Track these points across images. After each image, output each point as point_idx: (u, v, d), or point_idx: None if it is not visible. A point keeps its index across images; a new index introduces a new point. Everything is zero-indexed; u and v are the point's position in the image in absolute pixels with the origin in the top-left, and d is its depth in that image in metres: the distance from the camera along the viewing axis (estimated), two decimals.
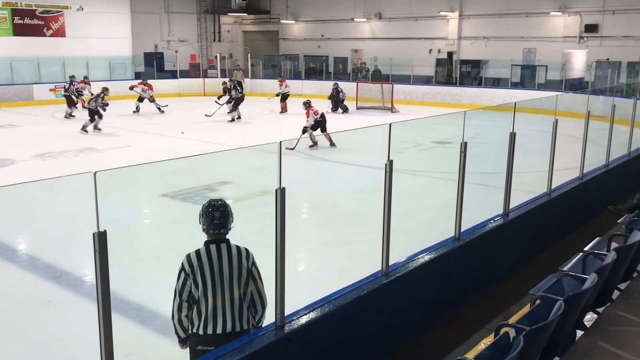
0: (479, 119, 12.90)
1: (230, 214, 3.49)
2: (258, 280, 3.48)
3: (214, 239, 3.45)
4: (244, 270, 3.42)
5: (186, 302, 3.40)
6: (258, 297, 3.48)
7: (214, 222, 3.43)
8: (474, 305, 5.47)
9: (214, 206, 3.46)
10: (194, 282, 3.37)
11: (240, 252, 3.46)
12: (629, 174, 9.30)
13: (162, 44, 31.10)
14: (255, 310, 3.49)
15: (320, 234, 7.92)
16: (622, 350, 3.36)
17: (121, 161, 11.84)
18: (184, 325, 3.44)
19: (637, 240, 4.00)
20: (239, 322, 3.42)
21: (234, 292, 3.39)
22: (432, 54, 28.37)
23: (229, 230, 3.51)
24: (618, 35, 23.41)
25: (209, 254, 3.40)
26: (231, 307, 3.41)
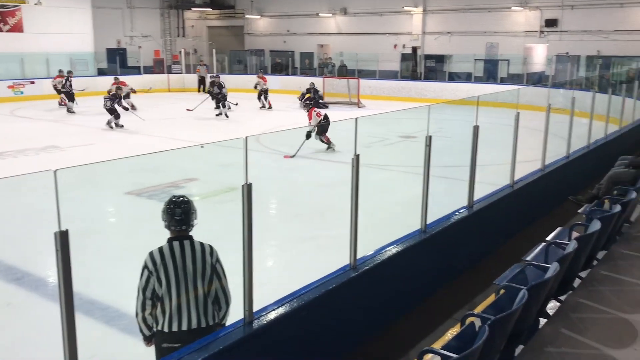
0: (443, 113, 13.04)
1: (193, 211, 3.47)
2: (222, 277, 3.47)
3: (176, 235, 3.42)
4: (207, 267, 3.40)
5: (150, 300, 3.37)
6: (222, 293, 3.47)
7: (174, 219, 3.40)
8: (441, 297, 5.54)
9: (175, 202, 3.43)
10: (157, 279, 3.34)
11: (204, 248, 3.43)
12: (589, 165, 9.54)
13: (124, 40, 30.55)
14: (219, 307, 3.48)
15: (288, 229, 7.92)
16: (583, 337, 3.45)
17: (84, 159, 11.60)
18: (148, 323, 3.42)
19: (597, 229, 4.11)
20: (204, 318, 3.40)
21: (197, 289, 3.37)
22: (397, 49, 28.56)
23: (192, 227, 3.48)
24: (577, 30, 23.95)
25: (172, 251, 3.37)
26: (195, 303, 3.38)
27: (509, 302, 3.15)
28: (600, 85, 14.27)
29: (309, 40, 31.51)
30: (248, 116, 19.71)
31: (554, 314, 3.76)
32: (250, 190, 3.32)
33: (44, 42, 25.30)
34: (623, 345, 3.34)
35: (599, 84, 14.88)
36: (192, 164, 10.65)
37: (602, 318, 3.70)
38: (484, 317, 2.90)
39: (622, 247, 4.88)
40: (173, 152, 4.81)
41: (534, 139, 8.36)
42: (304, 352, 4.06)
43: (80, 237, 6.26)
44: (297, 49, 31.46)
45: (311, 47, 31.37)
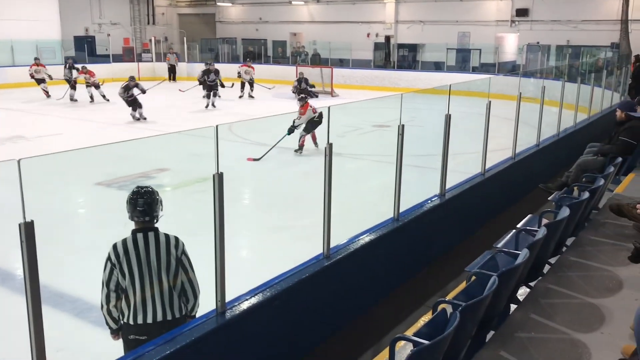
0: (416, 102, 13.11)
1: (157, 202, 3.40)
2: (189, 270, 3.42)
3: (140, 227, 3.37)
4: (172, 260, 3.36)
5: (114, 292, 3.33)
6: (189, 286, 3.43)
7: (137, 209, 3.34)
8: (414, 284, 5.59)
9: (138, 193, 3.37)
10: (120, 271, 3.30)
11: (168, 240, 3.38)
12: (559, 153, 9.69)
13: (93, 27, 29.94)
14: (186, 299, 3.44)
15: (262, 219, 7.88)
16: (552, 322, 3.50)
17: (52, 149, 11.35)
18: (113, 316, 3.38)
19: (566, 216, 4.17)
20: (170, 311, 3.37)
21: (162, 281, 3.33)
22: (370, 38, 28.58)
23: (157, 218, 3.43)
24: (547, 20, 24.26)
25: (136, 244, 3.32)
26: (160, 296, 3.34)
27: (479, 289, 3.18)
28: (570, 75, 14.46)
29: (281, 28, 31.32)
30: (221, 105, 19.52)
31: (524, 300, 3.81)
32: (222, 179, 3.28)
33: (9, 29, 24.58)
34: (591, 329, 3.41)
35: (569, 73, 15.09)
36: (163, 153, 10.52)
37: (571, 303, 3.76)
38: (455, 304, 2.92)
39: (590, 233, 4.97)
40: (143, 141, 4.73)
41: (505, 128, 8.45)
42: (277, 342, 4.05)
43: (49, 228, 6.14)
44: (270, 38, 31.27)
45: (284, 35, 31.19)
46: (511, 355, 3.14)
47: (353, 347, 4.52)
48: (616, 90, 15.11)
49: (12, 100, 19.63)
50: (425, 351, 2.47)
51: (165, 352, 3.08)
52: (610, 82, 14.61)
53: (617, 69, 15.64)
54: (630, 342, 3.11)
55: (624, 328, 3.36)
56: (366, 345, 4.53)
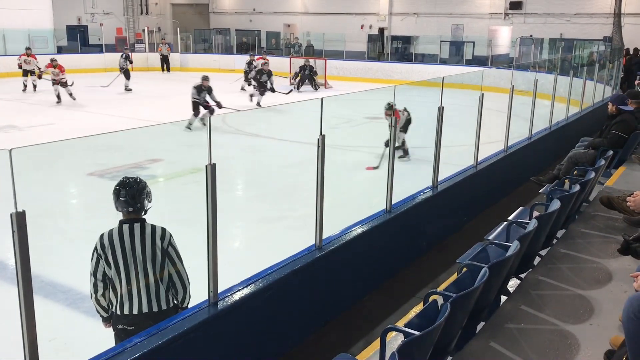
0: (409, 94, 13.10)
1: (142, 193, 3.37)
2: (176, 261, 3.41)
3: (126, 218, 3.36)
4: (158, 251, 3.35)
5: (101, 282, 3.35)
6: (177, 278, 3.42)
7: (119, 200, 3.33)
8: (405, 275, 5.62)
9: (122, 183, 3.36)
10: (105, 262, 3.31)
11: (154, 232, 3.37)
12: (550, 146, 9.73)
13: (85, 17, 29.72)
14: (176, 291, 3.44)
15: (255, 209, 7.89)
16: (542, 313, 3.54)
17: (44, 139, 11.31)
18: (102, 305, 3.41)
19: (556, 208, 4.19)
20: (157, 302, 3.37)
21: (148, 272, 3.33)
22: (364, 30, 28.53)
23: (144, 210, 3.41)
24: (540, 13, 24.30)
25: (121, 234, 3.32)
26: (146, 287, 3.35)
27: (470, 280, 3.21)
28: (562, 68, 14.51)
29: (275, 19, 31.20)
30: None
31: (514, 291, 3.85)
32: (214, 170, 3.28)
33: (0, 17, 24.38)
34: (580, 320, 3.45)
35: (561, 67, 15.13)
36: (156, 144, 10.49)
37: (561, 295, 3.80)
38: (446, 295, 2.94)
39: (581, 225, 5.01)
40: (136, 132, 4.72)
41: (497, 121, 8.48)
42: (269, 332, 4.07)
43: (41, 218, 6.13)
44: (264, 29, 31.15)
45: (278, 26, 31.08)
46: (501, 346, 3.17)
47: (344, 337, 4.55)
48: (608, 83, 15.17)
49: (4, 89, 19.48)
50: (416, 342, 2.49)
51: (157, 343, 3.09)
52: (603, 75, 14.66)
53: (609, 62, 15.70)
54: (619, 333, 3.15)
55: (612, 319, 3.40)
56: (358, 336, 4.55)
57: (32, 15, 25.53)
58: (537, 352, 3.12)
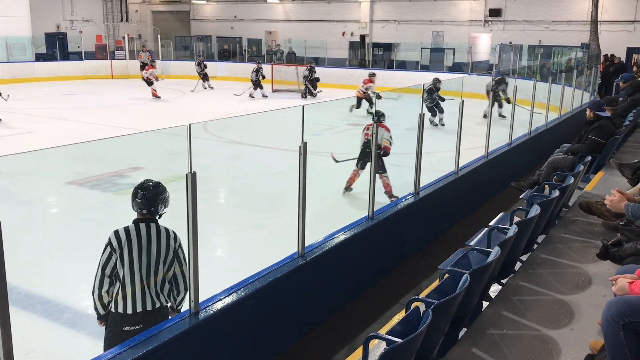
0: (390, 101, 13.17)
1: (160, 198, 3.52)
2: (183, 262, 3.54)
3: (141, 217, 3.48)
4: (171, 251, 3.48)
5: (108, 278, 3.41)
6: (181, 278, 3.54)
7: (135, 200, 3.48)
8: (388, 282, 5.62)
9: (142, 185, 3.52)
10: (120, 258, 3.38)
11: (168, 233, 3.51)
12: (530, 151, 9.83)
13: (64, 24, 29.41)
14: (177, 292, 3.55)
15: (237, 218, 7.85)
16: (523, 318, 3.56)
17: (22, 148, 11.15)
18: (103, 301, 3.45)
19: (537, 214, 4.23)
20: (158, 300, 3.48)
21: (158, 271, 3.43)
22: (345, 37, 28.63)
23: (158, 214, 3.54)
24: (519, 20, 24.60)
25: (138, 232, 3.42)
26: (155, 286, 3.45)
27: (452, 286, 3.22)
28: (542, 74, 14.69)
29: (256, 26, 31.19)
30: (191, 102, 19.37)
31: (495, 297, 3.87)
32: (195, 179, 3.26)
33: None
34: (561, 325, 3.47)
35: (540, 73, 15.32)
36: (137, 152, 10.40)
37: (542, 300, 3.82)
38: (428, 302, 2.94)
39: (561, 230, 5.05)
40: (116, 140, 4.67)
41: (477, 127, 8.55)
42: (251, 342, 4.04)
43: (18, 229, 6.03)
44: (245, 36, 31.11)
45: (259, 33, 31.07)
46: (483, 351, 3.18)
47: (327, 345, 4.53)
48: (586, 89, 15.38)
49: None
50: (398, 349, 2.49)
51: (138, 354, 3.05)
52: (581, 81, 14.87)
53: (587, 68, 15.92)
54: (599, 337, 3.18)
55: (592, 324, 3.43)
56: (340, 343, 4.55)
57: (9, 22, 25.17)
58: (519, 358, 3.13)
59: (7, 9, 25.17)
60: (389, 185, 7.95)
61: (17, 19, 25.65)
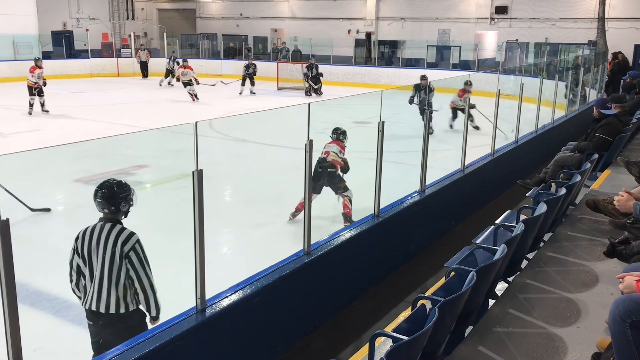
0: (396, 99, 13.14)
1: (118, 196, 3.46)
2: (138, 268, 3.41)
3: (104, 217, 3.48)
4: (117, 254, 3.38)
5: (75, 272, 3.51)
6: (138, 284, 3.42)
7: (95, 200, 3.49)
8: (393, 280, 5.62)
9: (102, 185, 3.50)
10: (77, 254, 3.47)
11: (119, 235, 3.40)
12: (536, 149, 9.79)
13: (71, 22, 29.50)
14: (138, 298, 3.45)
15: (243, 215, 7.86)
16: (529, 316, 3.55)
17: (29, 146, 11.20)
18: (77, 294, 3.56)
19: (543, 212, 4.21)
20: (115, 305, 3.40)
21: (104, 273, 3.40)
22: (351, 35, 28.60)
23: (121, 212, 3.49)
24: (526, 17, 24.50)
25: (93, 231, 3.44)
26: (107, 287, 3.40)
27: (458, 284, 3.21)
28: (548, 72, 14.62)
29: (262, 24, 31.20)
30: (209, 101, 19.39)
31: (502, 295, 3.86)
32: (201, 176, 3.27)
33: None
34: (567, 323, 3.46)
35: (547, 71, 15.25)
36: (143, 150, 10.42)
37: (548, 298, 3.81)
38: (434, 300, 2.94)
39: (567, 228, 5.04)
40: (122, 138, 4.68)
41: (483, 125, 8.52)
42: (257, 339, 4.05)
43: (26, 226, 6.06)
44: (251, 33, 31.12)
45: (265, 31, 31.08)
46: (489, 349, 3.17)
47: (333, 343, 4.54)
48: (593, 87, 15.31)
49: None
50: (405, 347, 2.49)
51: (145, 350, 3.06)
52: (587, 79, 14.79)
53: (594, 66, 15.84)
54: (605, 335, 3.17)
55: (599, 322, 3.42)
56: (346, 341, 4.55)
57: (16, 20, 25.24)
58: (525, 356, 3.13)
59: (14, 8, 25.25)
60: (347, 207, 7.08)
61: (24, 17, 25.72)
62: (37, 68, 16.07)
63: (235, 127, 13.58)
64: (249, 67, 20.91)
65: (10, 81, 20.76)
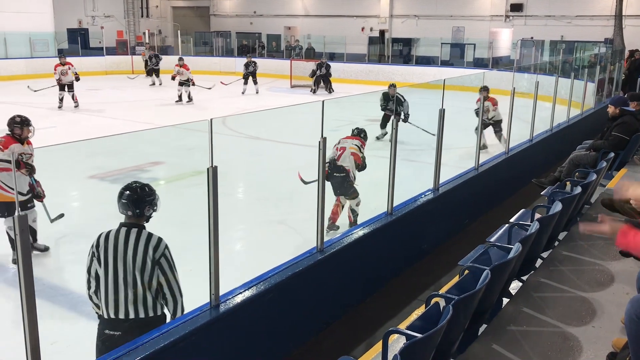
0: (410, 97, 13.10)
1: (144, 200, 3.38)
2: (168, 273, 3.36)
3: (127, 221, 3.37)
4: (148, 260, 3.30)
5: (94, 280, 3.37)
6: (167, 289, 3.37)
7: (121, 202, 3.37)
8: (407, 278, 5.61)
9: (128, 187, 3.41)
10: (97, 260, 3.33)
11: (149, 241, 3.33)
12: (551, 148, 9.72)
13: (86, 20, 29.74)
14: (165, 302, 3.39)
15: (256, 212, 7.88)
16: (544, 315, 3.54)
17: (45, 143, 11.26)
18: (95, 302, 3.43)
19: (558, 210, 4.19)
20: (143, 309, 3.33)
21: (136, 280, 3.30)
22: (364, 32, 28.54)
23: (145, 216, 3.41)
24: (541, 15, 24.30)
25: (117, 237, 3.32)
26: (133, 294, 3.31)
27: (472, 282, 3.20)
28: (563, 70, 14.51)
29: (276, 22, 31.23)
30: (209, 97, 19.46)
31: (516, 294, 3.85)
32: (216, 173, 3.29)
33: (1, 20, 24.36)
34: (582, 322, 3.44)
35: (562, 69, 15.13)
36: (157, 147, 10.50)
37: (563, 297, 3.79)
38: (448, 298, 2.94)
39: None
40: (137, 135, 4.71)
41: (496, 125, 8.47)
42: (270, 335, 4.07)
43: (42, 221, 6.12)
44: (264, 31, 31.16)
45: (278, 29, 31.11)
46: (503, 348, 3.17)
47: (346, 340, 4.54)
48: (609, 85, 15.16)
49: (4, 93, 19.49)
50: (418, 344, 2.49)
51: (159, 345, 3.09)
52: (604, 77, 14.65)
53: (611, 64, 15.68)
54: (621, 335, 3.14)
55: (614, 322, 3.40)
56: (359, 338, 4.55)
57: (33, 18, 25.51)
58: (539, 355, 3.11)
59: (30, 6, 25.52)
60: (350, 218, 6.71)
61: (40, 15, 25.99)
62: (59, 65, 16.63)
63: (249, 125, 13.62)
64: (249, 65, 20.39)
65: (27, 79, 20.95)
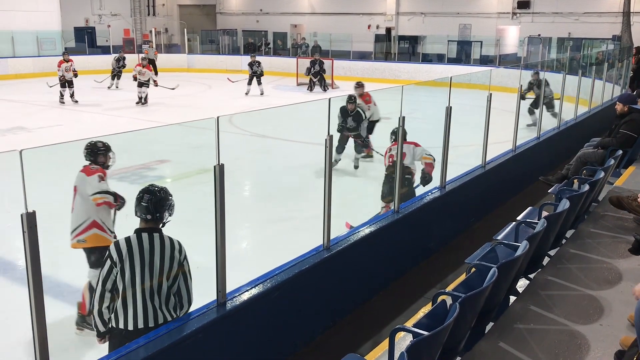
0: (417, 94, 13.06)
1: (164, 203, 3.32)
2: (188, 275, 3.34)
3: (144, 226, 3.29)
4: (175, 264, 3.27)
5: (109, 293, 3.21)
6: (186, 292, 3.34)
7: (141, 204, 3.28)
8: (414, 276, 5.60)
9: (147, 189, 3.33)
10: (120, 272, 3.19)
11: (173, 244, 3.30)
12: (559, 146, 9.68)
13: (93, 18, 29.85)
14: (181, 306, 3.35)
15: (262, 210, 7.89)
16: (551, 313, 3.52)
17: (52, 140, 11.31)
18: (104, 318, 3.25)
19: (566, 208, 4.17)
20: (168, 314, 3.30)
21: (162, 285, 3.25)
22: (370, 30, 28.50)
23: (162, 221, 3.36)
24: (548, 12, 24.20)
25: (141, 244, 3.23)
26: (159, 300, 3.26)
27: (479, 280, 3.19)
28: (571, 67, 14.44)
29: (282, 20, 31.24)
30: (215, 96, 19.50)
31: (523, 292, 3.83)
32: (223, 171, 3.29)
33: (9, 20, 24.46)
34: (589, 320, 3.43)
35: (570, 66, 15.06)
36: (163, 145, 10.51)
37: (570, 295, 3.78)
38: (455, 295, 2.93)
39: (590, 225, 4.98)
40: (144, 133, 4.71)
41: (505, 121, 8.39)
42: (277, 332, 4.07)
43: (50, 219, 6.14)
44: (270, 29, 31.17)
45: (284, 27, 31.11)
46: (510, 346, 3.16)
47: (353, 337, 4.54)
48: (617, 83, 15.07)
49: (12, 91, 19.60)
50: (425, 342, 2.48)
51: (167, 343, 3.10)
52: (611, 75, 14.57)
53: (618, 61, 15.60)
54: (629, 333, 3.13)
55: (622, 320, 3.38)
56: (366, 336, 4.55)
57: (40, 17, 25.63)
58: (547, 353, 3.10)
59: (37, 4, 25.65)
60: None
61: (48, 14, 26.11)
62: (63, 62, 16.90)
63: (256, 123, 13.63)
64: (253, 65, 19.47)
65: (34, 77, 21.06)
